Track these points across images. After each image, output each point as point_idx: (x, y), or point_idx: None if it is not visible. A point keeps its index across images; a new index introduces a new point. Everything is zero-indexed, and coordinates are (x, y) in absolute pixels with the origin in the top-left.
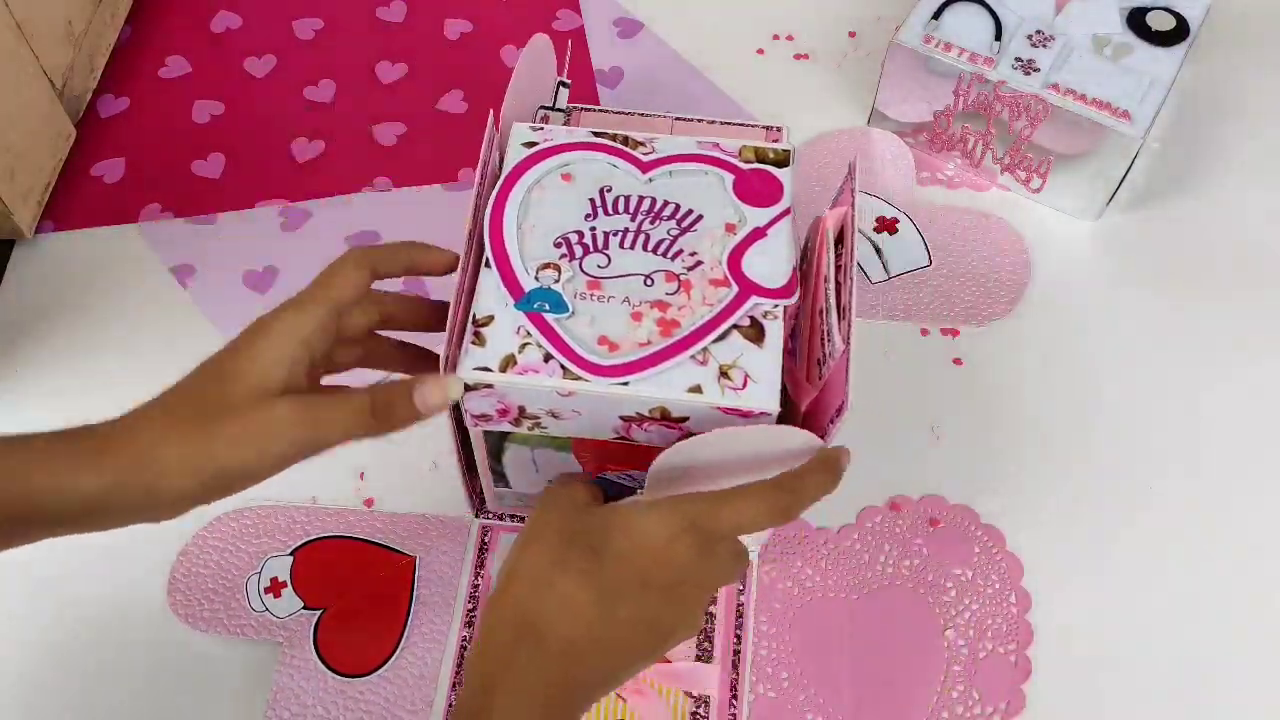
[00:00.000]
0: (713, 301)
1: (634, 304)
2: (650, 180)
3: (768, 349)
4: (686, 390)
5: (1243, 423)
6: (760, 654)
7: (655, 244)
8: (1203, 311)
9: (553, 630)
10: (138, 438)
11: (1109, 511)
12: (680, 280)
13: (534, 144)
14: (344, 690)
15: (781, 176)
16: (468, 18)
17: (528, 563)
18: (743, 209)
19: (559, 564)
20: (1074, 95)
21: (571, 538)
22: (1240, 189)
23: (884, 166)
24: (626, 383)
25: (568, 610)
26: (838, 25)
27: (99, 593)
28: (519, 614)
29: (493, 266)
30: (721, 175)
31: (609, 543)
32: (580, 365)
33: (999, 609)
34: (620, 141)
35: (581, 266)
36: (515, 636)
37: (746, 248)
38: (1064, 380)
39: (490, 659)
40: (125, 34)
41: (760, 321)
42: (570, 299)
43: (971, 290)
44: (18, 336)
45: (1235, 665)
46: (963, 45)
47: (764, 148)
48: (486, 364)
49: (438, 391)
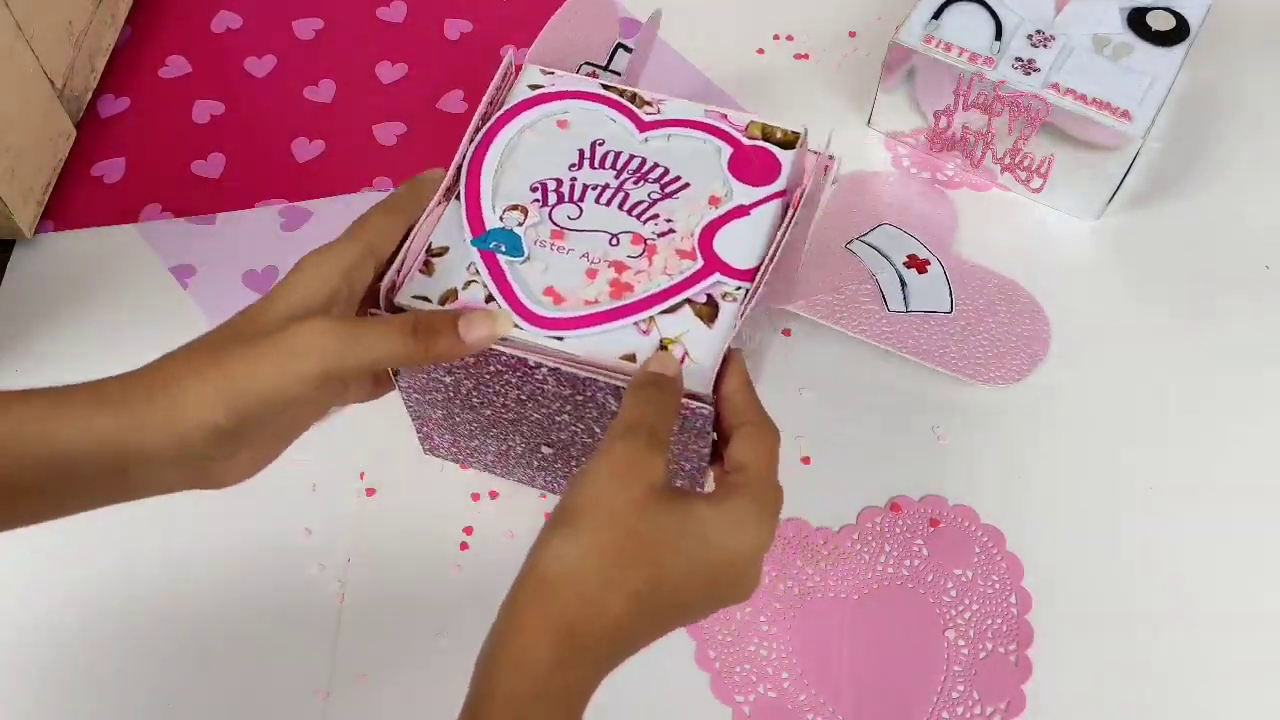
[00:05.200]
0: (673, 271)
1: (592, 260)
2: (645, 140)
3: (716, 330)
4: (620, 356)
5: (1243, 423)
6: (760, 654)
7: (632, 205)
8: (1203, 311)
9: (598, 647)
10: (157, 375)
11: (1109, 511)
12: (646, 245)
13: (539, 87)
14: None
15: (783, 158)
16: (468, 18)
17: (577, 565)
18: (732, 183)
19: (613, 585)
20: (1074, 95)
21: (636, 549)
22: (1240, 189)
23: (927, 209)
24: (562, 338)
25: (613, 632)
26: (838, 25)
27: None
28: (565, 630)
29: (461, 200)
30: (720, 146)
31: (676, 561)
32: (520, 312)
33: (999, 609)
34: (628, 98)
35: (551, 215)
36: (559, 656)
37: (724, 223)
38: (1063, 380)
39: (526, 675)
40: (125, 34)
41: (717, 301)
42: (529, 244)
43: (984, 349)
44: (18, 336)
45: (1236, 666)
46: (963, 45)
47: (772, 126)
48: (426, 294)
49: (484, 324)
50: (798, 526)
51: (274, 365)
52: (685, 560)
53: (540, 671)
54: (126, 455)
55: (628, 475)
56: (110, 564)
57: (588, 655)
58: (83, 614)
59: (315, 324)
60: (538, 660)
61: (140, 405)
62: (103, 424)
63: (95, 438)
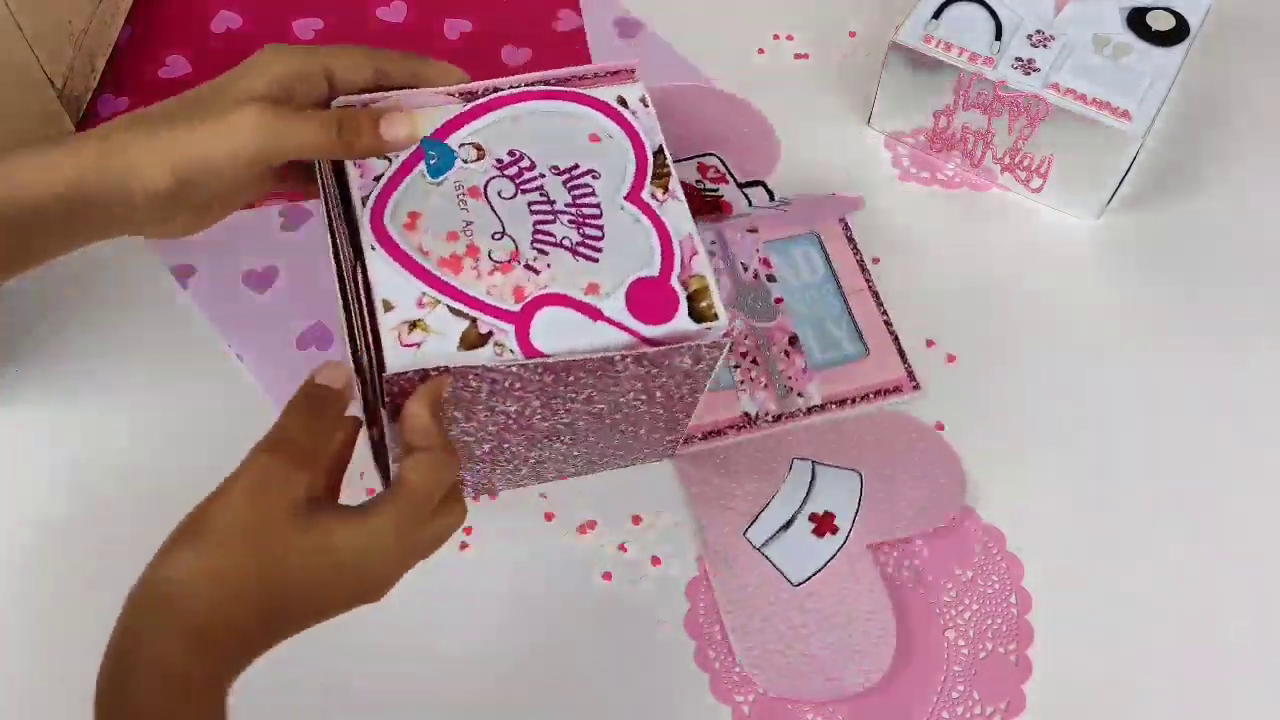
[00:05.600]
0: (492, 294)
1: (465, 232)
2: (621, 208)
3: (476, 353)
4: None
5: (1244, 422)
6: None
7: (546, 233)
8: (1203, 311)
9: (228, 648)
10: (112, 133)
11: (1109, 512)
12: (508, 261)
13: (631, 110)
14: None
15: (682, 321)
16: (468, 18)
17: (206, 579)
18: (620, 295)
19: (241, 597)
20: (1074, 95)
21: (264, 565)
22: (1240, 189)
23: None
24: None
25: (243, 636)
26: (838, 25)
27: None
28: (196, 634)
29: (462, 108)
30: (669, 274)
31: (305, 576)
32: (375, 225)
33: (999, 609)
34: (658, 180)
35: (490, 179)
36: (193, 658)
37: (564, 305)
38: (1064, 380)
39: (164, 677)
40: (125, 34)
41: (486, 340)
42: (452, 178)
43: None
44: (17, 337)
45: (1236, 666)
46: (963, 45)
47: (710, 299)
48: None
49: (404, 123)
50: None
51: (216, 138)
52: (314, 573)
53: (177, 672)
54: (83, 203)
55: (265, 493)
56: (112, 561)
57: (219, 654)
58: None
59: (255, 107)
60: (173, 664)
61: (96, 157)
62: (63, 168)
63: (53, 185)
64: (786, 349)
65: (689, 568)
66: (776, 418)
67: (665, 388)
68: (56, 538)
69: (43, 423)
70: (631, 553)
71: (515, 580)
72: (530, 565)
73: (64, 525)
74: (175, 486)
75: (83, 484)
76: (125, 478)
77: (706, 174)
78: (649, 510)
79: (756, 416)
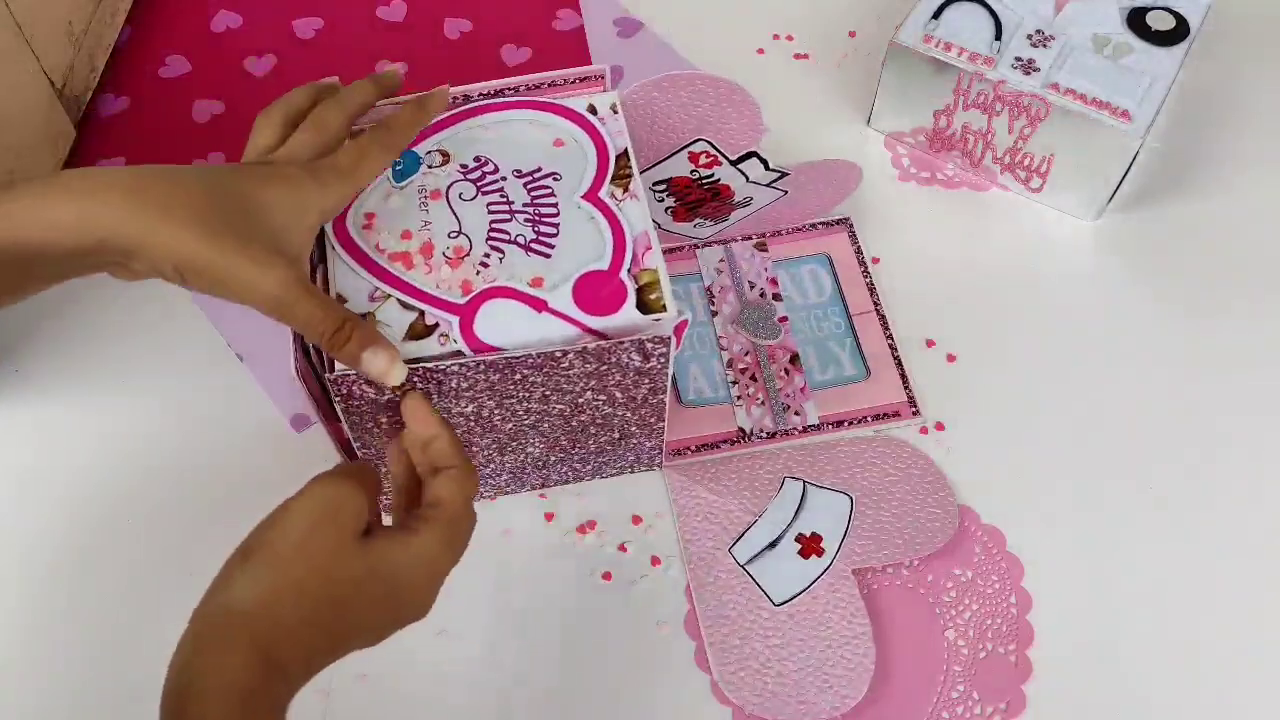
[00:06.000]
0: (441, 287)
1: (418, 228)
2: (579, 207)
3: (421, 344)
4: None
5: (1244, 422)
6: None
7: (501, 231)
8: (1203, 311)
9: (292, 669)
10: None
11: (1109, 511)
12: (458, 258)
13: (600, 117)
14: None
15: (628, 313)
16: (468, 18)
17: (273, 601)
18: (569, 284)
19: (306, 621)
20: (1074, 95)
21: (328, 590)
22: (1240, 189)
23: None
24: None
25: (305, 656)
26: (838, 25)
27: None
28: (263, 655)
29: (435, 120)
30: (620, 267)
31: (363, 599)
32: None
33: (999, 609)
34: (621, 185)
35: (454, 184)
36: (261, 679)
37: (511, 298)
38: (1064, 380)
39: (233, 699)
40: (125, 34)
41: (431, 331)
42: (416, 182)
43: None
44: (18, 336)
45: (1236, 666)
46: (963, 45)
47: (658, 294)
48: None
49: (383, 362)
50: None
51: (246, 276)
52: (371, 597)
53: (246, 693)
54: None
55: (327, 521)
56: (113, 561)
57: (283, 676)
58: (84, 602)
59: (285, 275)
60: (242, 683)
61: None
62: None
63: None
64: (786, 367)
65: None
66: (771, 435)
67: (622, 386)
68: (57, 537)
69: (43, 423)
70: (631, 553)
71: (515, 580)
72: (530, 565)
73: (65, 525)
74: (176, 486)
75: (83, 484)
76: (126, 477)
77: (698, 161)
78: (649, 510)
79: (751, 432)
